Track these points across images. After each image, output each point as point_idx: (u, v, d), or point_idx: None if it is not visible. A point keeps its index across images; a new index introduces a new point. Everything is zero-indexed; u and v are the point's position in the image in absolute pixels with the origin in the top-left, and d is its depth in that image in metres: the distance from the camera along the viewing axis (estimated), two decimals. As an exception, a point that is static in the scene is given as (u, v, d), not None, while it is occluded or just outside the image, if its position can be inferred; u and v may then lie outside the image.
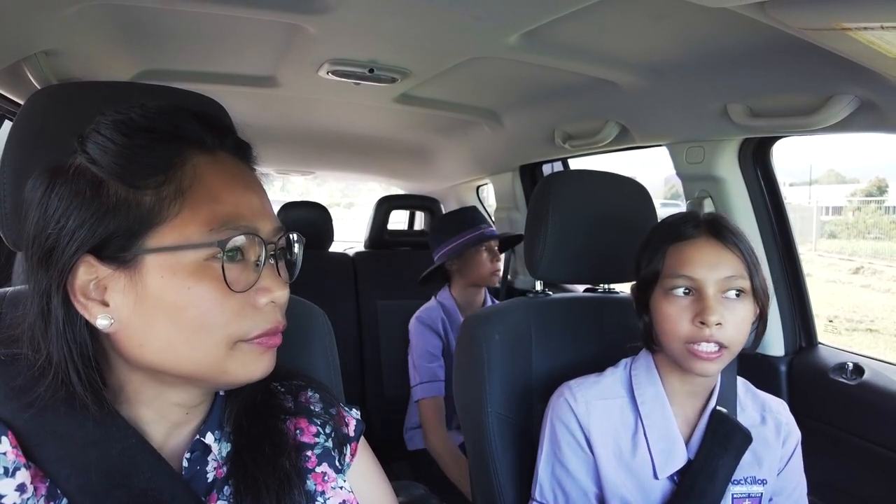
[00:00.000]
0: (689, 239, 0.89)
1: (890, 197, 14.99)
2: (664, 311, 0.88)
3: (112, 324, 0.50)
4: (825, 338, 1.45)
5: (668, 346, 0.88)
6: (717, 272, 0.85)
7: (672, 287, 0.87)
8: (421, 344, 1.87)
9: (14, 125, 0.67)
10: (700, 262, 0.86)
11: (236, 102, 1.29)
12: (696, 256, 0.87)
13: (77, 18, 1.08)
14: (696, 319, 0.84)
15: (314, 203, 2.53)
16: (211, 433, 0.58)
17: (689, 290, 0.87)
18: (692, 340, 0.84)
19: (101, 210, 0.49)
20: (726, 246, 0.87)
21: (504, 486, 1.07)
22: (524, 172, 2.31)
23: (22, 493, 0.46)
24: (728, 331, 0.84)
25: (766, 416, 0.97)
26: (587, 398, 0.93)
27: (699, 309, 0.84)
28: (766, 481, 0.93)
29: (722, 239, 0.88)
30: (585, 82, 1.40)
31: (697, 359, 0.85)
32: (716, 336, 0.83)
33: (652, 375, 0.94)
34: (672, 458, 0.90)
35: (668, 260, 0.89)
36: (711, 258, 0.86)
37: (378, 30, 1.21)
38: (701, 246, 0.88)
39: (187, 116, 0.54)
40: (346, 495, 0.63)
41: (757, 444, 0.92)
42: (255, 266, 0.53)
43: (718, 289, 0.85)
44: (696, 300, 0.86)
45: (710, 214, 0.94)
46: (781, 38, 0.88)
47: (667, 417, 0.91)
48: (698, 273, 0.85)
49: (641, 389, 0.93)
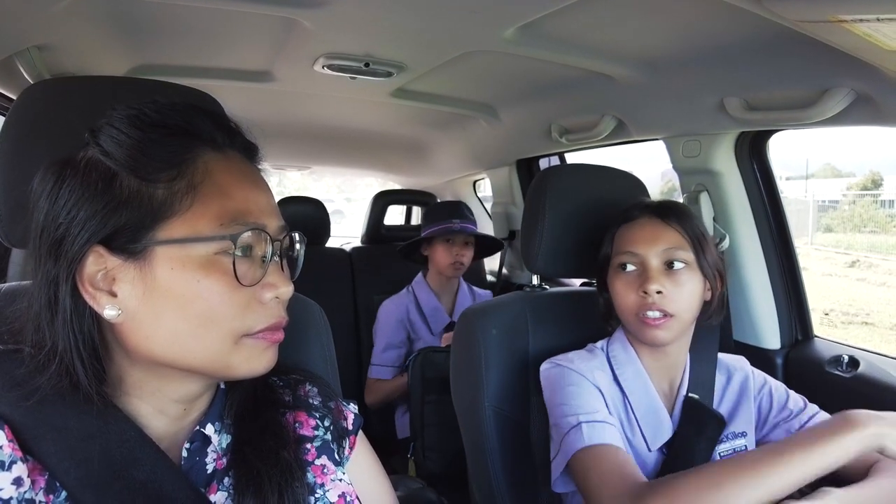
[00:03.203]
0: (634, 220, 0.97)
1: (885, 191, 15.04)
2: (616, 287, 0.96)
3: (119, 314, 0.51)
4: (821, 331, 1.46)
5: (624, 319, 0.96)
6: (657, 246, 0.93)
7: (620, 263, 0.95)
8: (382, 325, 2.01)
9: (7, 120, 0.66)
10: (641, 238, 0.94)
11: (231, 97, 1.28)
12: (638, 234, 0.95)
13: (70, 13, 1.07)
14: (639, 290, 0.91)
15: (311, 198, 2.53)
16: (211, 424, 0.59)
17: (633, 266, 0.94)
18: (639, 310, 0.91)
19: (114, 202, 0.50)
20: (667, 223, 0.95)
21: (501, 481, 1.07)
22: (521, 167, 2.31)
23: (18, 487, 0.46)
24: (671, 299, 0.90)
25: (731, 376, 1.03)
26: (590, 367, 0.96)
27: (641, 280, 0.92)
28: (746, 433, 0.99)
29: (663, 217, 0.95)
30: (582, 76, 1.40)
31: (646, 326, 0.91)
32: (658, 303, 0.90)
33: (629, 353, 0.98)
34: (660, 431, 0.94)
35: (616, 241, 0.98)
36: (652, 234, 0.94)
37: (373, 24, 1.20)
38: (643, 224, 0.96)
39: (200, 114, 0.55)
40: (346, 487, 0.64)
41: (729, 403, 1.00)
42: (261, 262, 0.55)
43: (661, 260, 0.92)
44: (640, 273, 0.93)
45: (662, 201, 1.01)
46: (778, 32, 0.88)
47: (649, 393, 0.96)
48: (640, 248, 0.93)
49: (622, 368, 0.97)
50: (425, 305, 2.01)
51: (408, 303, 2.03)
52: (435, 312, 2.01)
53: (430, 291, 2.04)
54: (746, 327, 1.44)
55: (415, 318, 2.00)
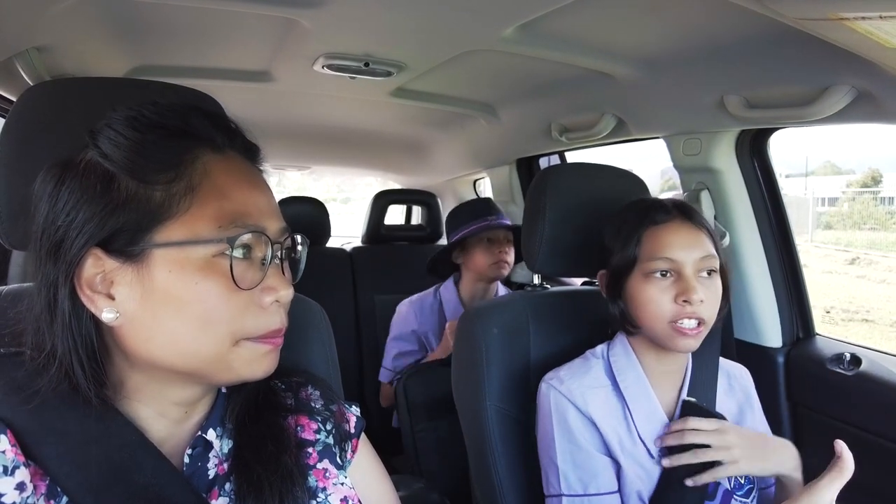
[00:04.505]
0: (664, 223, 0.93)
1: (885, 188, 15.04)
2: (647, 294, 0.91)
3: (117, 317, 0.50)
4: (822, 328, 1.46)
5: (652, 327, 0.91)
6: (694, 253, 0.90)
7: (652, 270, 0.91)
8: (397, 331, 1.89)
9: (7, 122, 0.66)
10: (678, 244, 0.90)
11: (231, 97, 1.28)
12: (673, 239, 0.91)
13: (70, 14, 1.07)
14: (678, 298, 0.88)
15: (311, 198, 2.52)
16: (213, 429, 0.59)
17: (667, 272, 0.90)
18: (676, 319, 0.88)
19: (112, 204, 0.50)
20: (698, 227, 0.92)
21: (503, 479, 1.07)
22: (521, 166, 2.30)
23: (21, 492, 0.46)
24: (708, 307, 0.89)
25: (731, 381, 1.03)
26: (581, 388, 0.94)
27: (681, 289, 0.88)
28: None
29: (693, 221, 0.93)
30: (581, 75, 1.39)
31: (682, 336, 0.88)
32: (698, 312, 0.88)
33: (630, 359, 0.96)
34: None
35: (644, 245, 0.93)
36: (688, 240, 0.91)
37: (373, 23, 1.20)
38: (677, 229, 0.92)
39: (199, 115, 0.55)
40: (348, 491, 0.64)
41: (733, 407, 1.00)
42: (261, 264, 0.54)
43: (695, 268, 0.89)
44: (676, 281, 0.90)
45: (674, 200, 0.99)
46: (778, 29, 0.88)
47: (650, 399, 0.94)
48: (677, 254, 0.90)
49: (623, 374, 0.96)
50: (450, 315, 1.81)
51: (430, 312, 1.85)
52: None
53: (459, 302, 1.83)
54: (748, 325, 1.44)
55: (431, 329, 1.84)
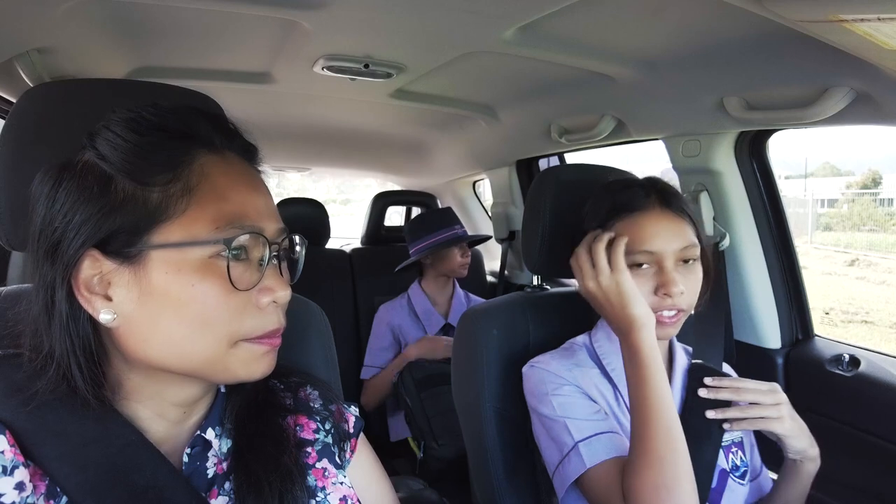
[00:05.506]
0: (642, 210, 0.90)
1: (884, 189, 15.06)
2: None
3: (115, 318, 0.50)
4: (821, 330, 1.46)
5: None
6: (674, 243, 0.88)
7: (631, 263, 0.88)
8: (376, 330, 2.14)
9: (7, 124, 0.66)
10: (658, 235, 0.88)
11: (231, 99, 1.28)
12: (653, 230, 0.88)
13: (70, 15, 1.07)
14: (659, 291, 0.87)
15: (311, 200, 2.52)
16: (212, 429, 0.59)
17: (649, 265, 0.89)
18: (655, 310, 0.86)
19: (109, 205, 0.50)
20: (678, 215, 0.89)
21: (502, 481, 1.07)
22: (521, 167, 2.31)
23: (21, 492, 0.46)
24: (688, 296, 0.88)
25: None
26: (567, 366, 0.94)
27: (661, 281, 0.87)
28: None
29: (673, 208, 0.89)
30: (581, 76, 1.40)
31: (660, 325, 0.87)
32: (678, 304, 0.87)
33: (615, 344, 0.95)
34: None
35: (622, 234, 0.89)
36: (668, 231, 0.88)
37: (373, 25, 1.20)
38: (657, 218, 0.89)
39: (198, 116, 0.55)
40: (347, 490, 0.64)
41: None
42: (258, 265, 0.54)
43: (676, 259, 0.88)
44: (656, 272, 0.88)
45: (651, 179, 0.95)
46: (778, 31, 0.88)
47: None
48: (657, 246, 0.87)
49: (609, 359, 0.95)
50: (419, 309, 2.10)
51: (399, 308, 2.13)
52: (429, 314, 2.09)
53: (425, 296, 2.14)
54: (747, 327, 1.44)
55: (404, 321, 2.09)
